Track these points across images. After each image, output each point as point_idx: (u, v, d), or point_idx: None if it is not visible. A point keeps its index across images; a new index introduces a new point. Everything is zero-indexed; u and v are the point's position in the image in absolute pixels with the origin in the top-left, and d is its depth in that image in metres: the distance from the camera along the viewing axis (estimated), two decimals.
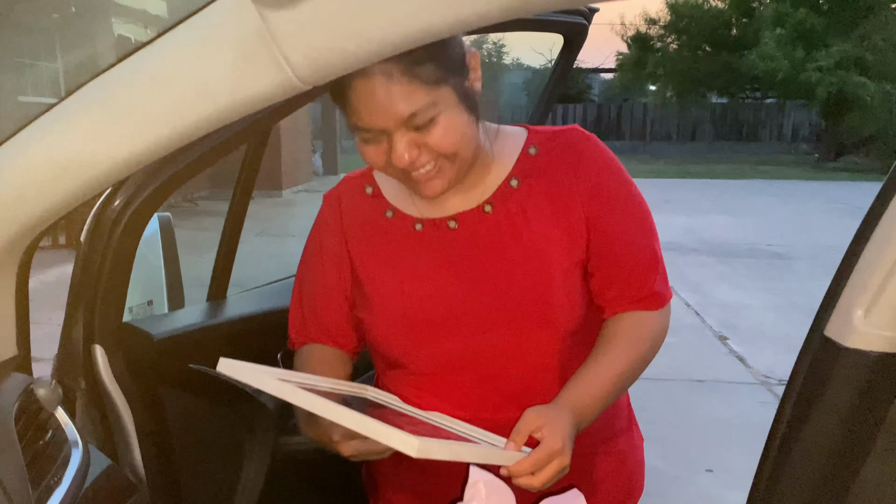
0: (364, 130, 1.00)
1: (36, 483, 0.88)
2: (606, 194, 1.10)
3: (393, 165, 1.01)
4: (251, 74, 0.75)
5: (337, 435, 0.96)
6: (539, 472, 0.94)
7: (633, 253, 1.11)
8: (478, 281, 1.09)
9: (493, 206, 1.11)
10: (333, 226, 1.19)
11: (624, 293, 1.11)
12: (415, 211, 1.14)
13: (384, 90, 0.95)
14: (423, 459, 1.18)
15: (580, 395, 1.04)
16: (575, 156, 1.10)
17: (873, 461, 0.99)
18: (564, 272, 1.08)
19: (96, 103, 0.82)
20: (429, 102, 0.97)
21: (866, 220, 0.97)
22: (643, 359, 1.11)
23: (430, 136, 0.99)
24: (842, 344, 0.96)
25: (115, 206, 1.31)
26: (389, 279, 1.13)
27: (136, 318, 1.77)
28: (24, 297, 1.04)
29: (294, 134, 14.66)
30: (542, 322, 1.08)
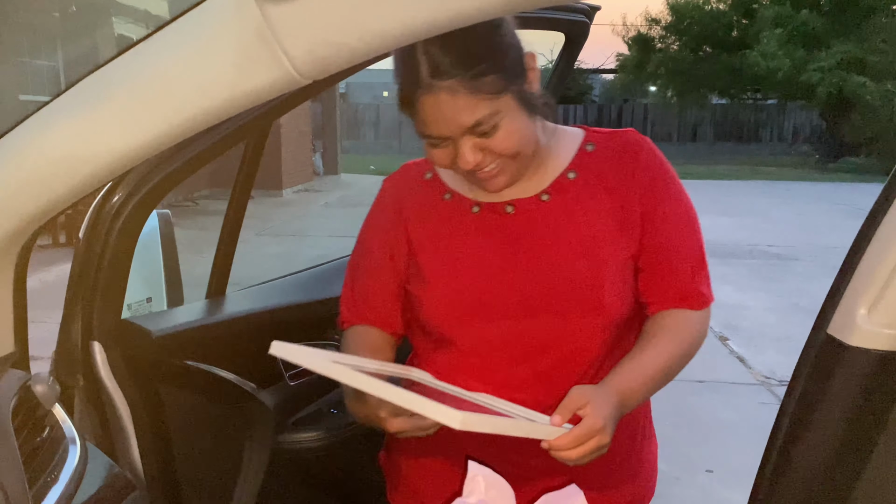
0: (430, 138, 1.05)
1: (33, 480, 0.88)
2: (661, 193, 1.14)
3: (456, 170, 1.08)
4: (250, 69, 0.75)
5: (384, 412, 0.99)
6: (578, 447, 0.95)
7: (682, 252, 1.15)
8: (530, 265, 1.12)
9: (549, 195, 1.15)
10: (391, 209, 1.23)
11: (670, 290, 1.14)
12: (472, 195, 1.18)
13: (450, 104, 1.00)
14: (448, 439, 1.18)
15: (626, 380, 1.05)
16: (632, 155, 1.14)
17: (876, 459, 0.98)
18: (616, 264, 1.11)
19: (95, 98, 0.81)
20: (491, 111, 1.01)
21: (869, 218, 0.97)
22: (685, 355, 1.13)
23: (493, 141, 1.03)
24: (845, 342, 0.96)
25: (114, 202, 1.30)
26: (445, 257, 1.17)
27: (134, 314, 1.76)
28: (22, 292, 1.04)
29: (295, 134, 14.66)
30: (590, 310, 1.10)
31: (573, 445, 0.95)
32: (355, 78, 15.58)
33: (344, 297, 1.27)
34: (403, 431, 1.00)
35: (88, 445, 1.03)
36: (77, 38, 12.16)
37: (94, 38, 12.07)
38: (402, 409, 0.95)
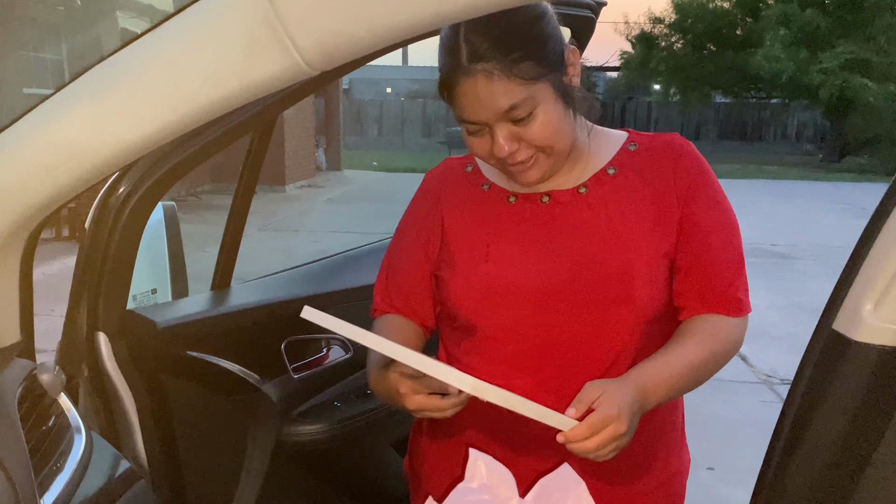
0: (469, 123, 1.07)
1: (38, 468, 0.88)
2: (702, 196, 1.13)
3: (493, 156, 1.09)
4: (258, 59, 0.75)
5: (404, 387, 1.01)
6: (593, 437, 0.95)
7: (721, 256, 1.14)
8: (562, 255, 1.13)
9: (588, 188, 1.15)
10: (431, 199, 1.25)
11: (706, 294, 1.13)
12: (510, 187, 1.20)
13: (486, 87, 1.02)
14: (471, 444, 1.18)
15: (647, 374, 1.05)
16: (674, 156, 1.15)
17: (881, 454, 0.98)
18: (649, 259, 1.11)
19: (102, 88, 0.81)
20: (526, 97, 1.02)
21: (876, 214, 0.97)
22: (716, 359, 1.11)
23: (529, 130, 1.05)
24: (850, 338, 0.96)
25: (120, 194, 1.31)
26: (477, 242, 1.18)
27: (139, 306, 1.77)
28: (28, 282, 1.04)
29: (298, 129, 14.65)
30: (619, 301, 1.10)
31: (588, 434, 0.94)
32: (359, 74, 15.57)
33: (378, 286, 1.29)
34: (422, 409, 1.02)
35: (93, 435, 1.04)
36: (82, 31, 12.16)
37: (99, 32, 12.08)
38: (422, 387, 0.99)
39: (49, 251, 6.78)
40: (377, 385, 1.11)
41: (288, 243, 8.94)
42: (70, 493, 0.89)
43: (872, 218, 0.97)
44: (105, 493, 0.98)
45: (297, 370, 1.77)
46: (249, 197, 1.81)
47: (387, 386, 1.05)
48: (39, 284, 1.17)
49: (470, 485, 1.05)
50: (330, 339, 1.87)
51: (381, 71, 34.83)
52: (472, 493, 1.04)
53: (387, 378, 1.04)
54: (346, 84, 27.32)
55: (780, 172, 18.53)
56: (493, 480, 1.05)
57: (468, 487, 1.05)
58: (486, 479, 1.04)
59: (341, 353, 1.86)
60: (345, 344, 1.87)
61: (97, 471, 0.98)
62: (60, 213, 8.17)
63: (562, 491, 1.09)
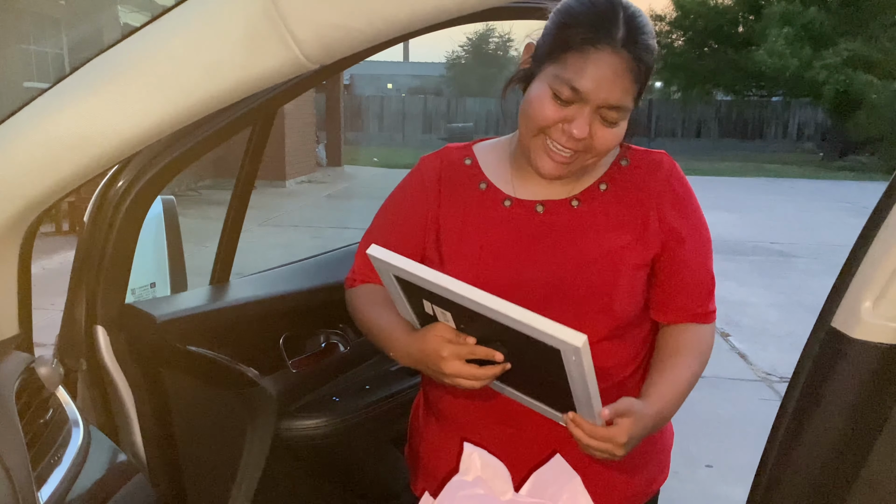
0: (572, 90, 1.05)
1: (36, 461, 0.88)
2: (683, 216, 1.19)
3: (549, 129, 1.09)
4: (258, 52, 0.74)
5: (446, 350, 1.01)
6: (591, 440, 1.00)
7: (699, 273, 1.21)
8: (551, 262, 1.16)
9: (580, 202, 1.19)
10: (428, 186, 1.25)
11: (686, 307, 1.21)
12: (508, 189, 1.22)
13: (619, 72, 1.04)
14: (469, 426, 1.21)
15: (665, 399, 1.11)
16: (662, 176, 1.19)
17: (879, 452, 0.98)
18: (631, 271, 1.16)
19: (102, 80, 0.81)
20: (628, 108, 1.08)
21: (875, 212, 0.97)
22: (702, 368, 1.20)
23: (605, 132, 1.08)
24: (849, 335, 0.96)
25: (119, 187, 1.30)
26: (468, 244, 1.20)
27: (138, 299, 1.76)
28: (27, 275, 1.04)
29: (298, 124, 14.64)
30: (601, 310, 1.14)
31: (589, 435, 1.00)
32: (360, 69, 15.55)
33: (358, 261, 1.29)
34: (458, 375, 1.02)
35: (91, 428, 1.04)
36: (82, 25, 12.15)
37: (99, 26, 12.06)
38: (466, 353, 0.99)
39: (49, 245, 6.78)
40: (408, 348, 1.10)
41: (288, 238, 8.94)
42: (67, 486, 0.89)
43: (872, 215, 0.97)
44: (102, 487, 0.98)
45: (296, 365, 1.77)
46: (249, 191, 1.81)
47: (423, 348, 1.05)
48: (39, 278, 1.17)
49: (465, 478, 1.06)
50: (329, 333, 1.87)
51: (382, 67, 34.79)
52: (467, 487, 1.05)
53: (425, 340, 1.05)
54: (346, 79, 27.30)
55: (781, 171, 18.52)
56: (487, 474, 1.05)
57: (463, 481, 1.05)
58: (481, 472, 1.05)
59: (340, 348, 1.86)
60: (344, 339, 1.87)
61: (95, 464, 0.97)
62: (60, 207, 8.19)
63: (556, 485, 1.10)
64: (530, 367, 1.00)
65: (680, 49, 23.83)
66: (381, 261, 0.99)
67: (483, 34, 43.63)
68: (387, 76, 36.88)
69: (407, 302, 1.06)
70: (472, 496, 1.03)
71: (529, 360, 0.98)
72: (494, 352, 0.99)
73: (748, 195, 13.75)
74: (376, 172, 17.34)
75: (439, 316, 1.03)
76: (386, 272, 1.02)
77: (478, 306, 0.92)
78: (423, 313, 1.06)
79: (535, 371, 1.01)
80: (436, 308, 1.02)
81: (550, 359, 0.92)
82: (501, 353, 0.99)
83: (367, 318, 1.23)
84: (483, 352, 1.00)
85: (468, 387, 1.03)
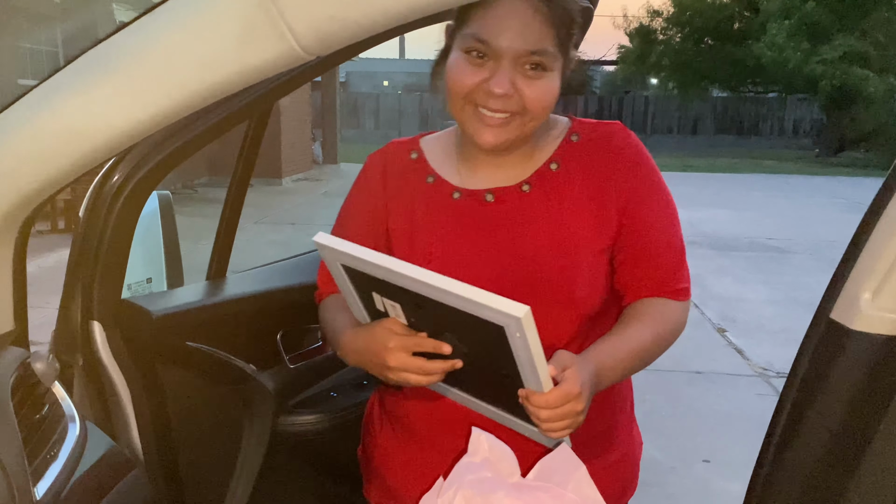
0: (481, 44, 1.02)
1: (32, 457, 0.87)
2: (642, 188, 1.13)
3: (473, 95, 1.05)
4: (254, 43, 0.74)
5: (393, 342, 0.98)
6: (551, 408, 0.94)
7: (663, 245, 1.14)
8: (505, 254, 1.12)
9: (531, 186, 1.14)
10: (375, 185, 1.23)
11: (650, 283, 1.14)
12: (456, 181, 1.18)
13: (527, 18, 1.00)
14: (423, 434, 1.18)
15: (603, 355, 1.04)
16: (615, 147, 1.14)
17: (878, 444, 0.98)
18: (591, 256, 1.11)
19: (96, 72, 0.81)
20: (552, 53, 1.03)
21: (874, 203, 0.97)
22: (664, 339, 1.12)
23: (531, 86, 1.04)
24: (848, 327, 0.96)
25: (115, 182, 1.30)
26: (419, 241, 1.16)
27: (134, 295, 1.76)
28: (22, 270, 1.03)
29: (294, 122, 14.61)
30: (562, 301, 1.10)
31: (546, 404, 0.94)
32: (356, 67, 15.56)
33: (322, 272, 1.26)
34: (404, 369, 0.98)
35: (88, 424, 1.03)
36: (76, 22, 12.11)
37: (94, 23, 12.03)
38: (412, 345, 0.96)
39: (44, 243, 6.76)
40: (354, 343, 1.07)
41: (284, 236, 8.93)
42: (64, 481, 0.88)
43: (870, 207, 0.97)
44: (99, 482, 0.98)
45: (294, 360, 1.77)
46: (245, 188, 1.80)
47: (369, 341, 1.02)
48: (35, 276, 1.17)
49: (473, 459, 1.04)
50: None
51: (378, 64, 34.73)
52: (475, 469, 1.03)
53: (372, 332, 1.01)
54: (342, 77, 27.28)
55: (777, 167, 18.57)
56: (495, 456, 1.04)
57: (471, 462, 1.04)
58: (489, 454, 1.03)
59: None
60: None
61: (91, 459, 0.97)
62: (56, 204, 8.17)
63: (563, 472, 1.09)
64: (481, 361, 0.97)
65: (677, 45, 23.84)
66: (327, 247, 0.96)
67: None
68: (382, 73, 36.81)
69: (357, 296, 1.04)
70: (480, 479, 1.02)
71: (478, 351, 0.95)
72: (442, 344, 0.96)
73: (744, 191, 13.76)
74: None
75: (390, 311, 1.00)
76: (333, 262, 0.99)
77: (421, 286, 0.89)
78: (375, 310, 1.03)
79: (486, 366, 0.98)
80: (386, 302, 0.99)
81: (498, 341, 0.89)
82: (451, 346, 0.96)
83: (325, 325, 1.21)
84: (431, 344, 0.96)
85: (415, 382, 0.99)
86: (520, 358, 0.91)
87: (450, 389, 1.08)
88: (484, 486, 1.00)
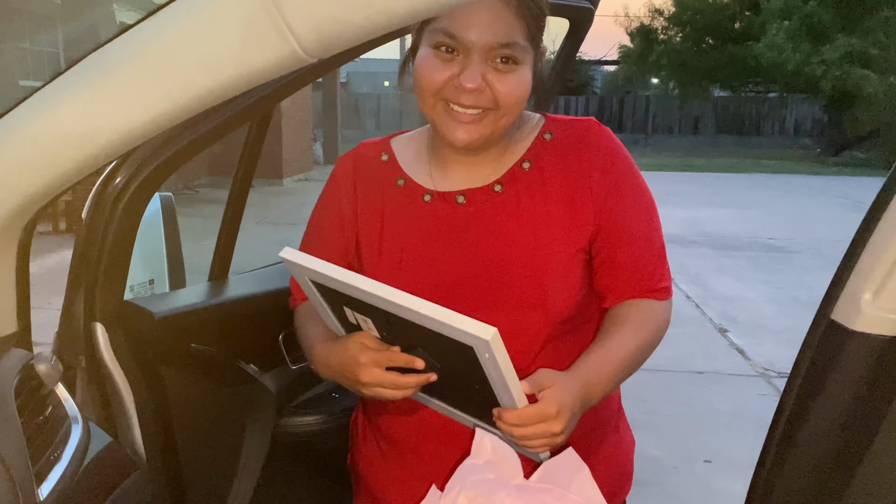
0: (449, 38, 1.00)
1: (36, 458, 0.88)
2: (618, 186, 1.10)
3: (444, 91, 1.03)
4: (255, 46, 0.74)
5: (365, 356, 0.96)
6: (524, 427, 0.92)
7: (641, 245, 1.12)
8: (476, 257, 1.10)
9: (503, 186, 1.12)
10: (345, 187, 1.20)
11: (630, 283, 1.12)
12: (427, 183, 1.15)
13: (496, 11, 0.98)
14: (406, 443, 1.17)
15: (592, 369, 1.02)
16: (589, 145, 1.11)
17: (879, 445, 0.98)
18: (565, 258, 1.08)
19: (98, 75, 0.81)
20: (523, 46, 1.01)
21: (875, 204, 0.97)
22: (649, 344, 1.10)
23: (502, 80, 1.02)
24: (849, 327, 0.96)
25: (117, 184, 1.30)
26: (388, 245, 1.14)
27: (137, 296, 1.76)
28: (25, 272, 1.03)
29: (295, 123, 14.62)
30: (534, 305, 1.07)
31: (518, 423, 0.92)
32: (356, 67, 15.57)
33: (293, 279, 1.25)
34: (377, 384, 0.97)
35: (91, 425, 1.03)
36: (78, 24, 12.12)
37: (95, 24, 12.04)
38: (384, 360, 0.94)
39: (46, 244, 6.77)
40: (327, 358, 1.05)
41: (286, 236, 8.91)
42: (67, 482, 0.88)
43: (871, 207, 0.97)
44: (102, 483, 0.98)
45: (296, 361, 1.77)
46: (246, 189, 1.81)
47: (341, 356, 1.00)
48: (37, 278, 1.17)
49: (476, 461, 1.04)
50: None
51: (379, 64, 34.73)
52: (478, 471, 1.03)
53: (344, 347, 1.00)
54: (343, 77, 27.29)
55: (778, 166, 18.54)
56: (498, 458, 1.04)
57: (473, 464, 1.04)
58: (492, 456, 1.03)
59: None
60: None
61: (94, 461, 0.97)
62: (57, 206, 8.18)
63: (566, 475, 1.09)
64: (454, 375, 0.96)
65: (678, 45, 23.82)
66: (294, 263, 0.94)
67: None
68: (384, 73, 36.82)
69: (329, 309, 1.02)
70: (482, 480, 1.02)
71: (451, 366, 0.94)
72: (415, 358, 0.94)
73: (745, 191, 13.75)
74: None
75: (362, 324, 0.98)
76: (301, 276, 0.97)
77: (388, 304, 0.88)
78: (348, 322, 1.01)
79: (460, 380, 0.96)
80: (357, 316, 0.97)
81: (469, 360, 0.87)
82: (424, 361, 0.94)
83: (300, 334, 1.19)
84: (403, 359, 0.95)
85: (390, 397, 0.98)
86: (491, 376, 0.89)
87: (430, 400, 1.06)
88: (487, 488, 1.01)
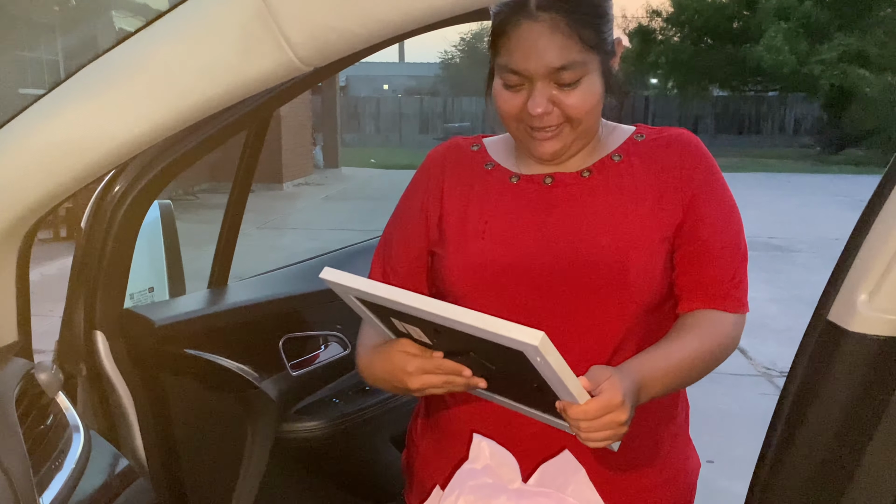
0: (512, 73, 1.05)
1: (37, 467, 0.88)
2: (708, 191, 1.12)
3: (521, 116, 1.07)
4: (252, 56, 0.75)
5: (411, 366, 0.97)
6: (593, 420, 0.91)
7: (725, 252, 1.12)
8: (559, 238, 1.11)
9: (591, 172, 1.14)
10: (431, 174, 1.23)
11: (707, 288, 1.11)
12: (515, 169, 1.18)
13: (546, 37, 1.01)
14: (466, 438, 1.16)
15: (645, 367, 1.01)
16: (680, 148, 1.14)
17: (876, 445, 0.98)
18: (647, 248, 1.09)
19: (97, 85, 0.82)
20: (580, 61, 1.03)
21: (870, 205, 0.97)
22: (712, 355, 1.09)
23: (569, 96, 1.05)
24: (845, 328, 0.96)
25: (116, 192, 1.31)
26: (474, 219, 1.16)
27: (137, 304, 1.77)
28: (25, 281, 1.04)
29: (295, 127, 14.62)
30: (614, 287, 1.08)
31: (584, 417, 0.91)
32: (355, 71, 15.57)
33: (375, 260, 1.26)
34: (430, 387, 0.98)
35: (92, 433, 1.04)
36: (77, 31, 12.14)
37: (95, 31, 12.06)
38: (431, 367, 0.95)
39: (47, 252, 6.77)
40: (373, 366, 1.07)
41: (286, 241, 8.94)
42: (69, 491, 0.89)
43: (867, 208, 0.97)
44: (104, 492, 0.99)
45: (296, 367, 1.77)
46: (246, 194, 1.81)
47: (386, 366, 1.02)
48: (37, 285, 1.17)
49: (474, 466, 1.04)
50: (328, 335, 1.87)
51: (378, 68, 34.76)
52: (476, 475, 1.03)
53: (389, 357, 1.01)
54: (343, 81, 27.32)
55: (778, 165, 18.54)
56: (496, 462, 1.04)
57: (472, 469, 1.03)
58: (490, 460, 1.03)
59: (339, 350, 1.86)
60: (342, 340, 1.87)
61: (96, 469, 0.98)
62: (58, 213, 8.18)
63: (562, 477, 1.09)
64: (511, 376, 0.95)
65: (676, 45, 23.83)
66: (336, 283, 0.94)
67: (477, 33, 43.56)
68: (382, 77, 36.86)
69: (377, 320, 1.02)
70: (480, 485, 1.03)
71: (504, 366, 0.93)
72: (462, 367, 0.94)
73: (746, 190, 13.72)
74: (373, 173, 17.33)
75: (411, 332, 0.98)
76: (346, 294, 0.97)
77: (434, 317, 0.88)
78: (397, 331, 1.01)
79: (517, 380, 0.95)
80: (406, 326, 0.97)
81: (522, 363, 0.87)
82: (475, 363, 0.93)
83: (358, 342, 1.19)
84: (450, 366, 0.95)
85: (440, 391, 0.99)
86: (547, 377, 0.89)
87: (493, 396, 1.05)
88: (485, 492, 1.01)
